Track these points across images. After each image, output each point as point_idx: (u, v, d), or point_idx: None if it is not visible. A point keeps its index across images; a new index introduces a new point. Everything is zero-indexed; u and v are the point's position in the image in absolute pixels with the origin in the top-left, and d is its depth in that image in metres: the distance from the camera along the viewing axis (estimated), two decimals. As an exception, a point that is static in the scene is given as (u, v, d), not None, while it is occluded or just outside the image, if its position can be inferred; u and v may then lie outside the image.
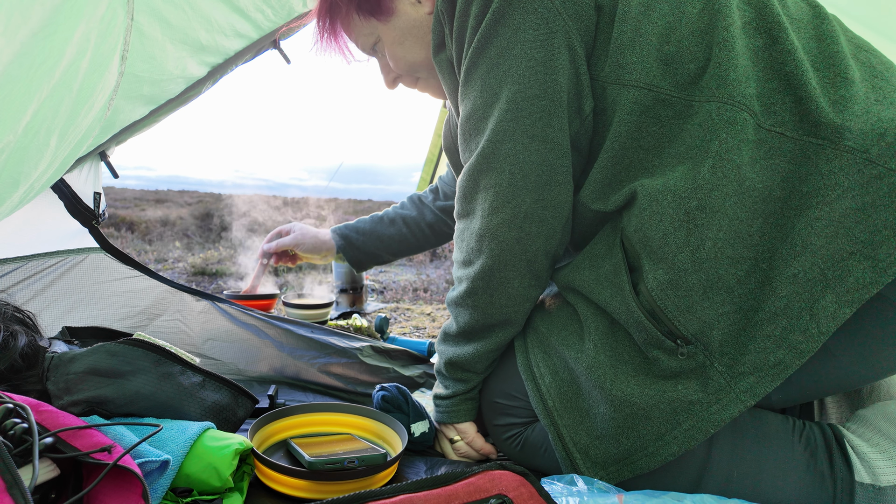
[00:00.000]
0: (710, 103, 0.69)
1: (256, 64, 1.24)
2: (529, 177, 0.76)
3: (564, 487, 0.70)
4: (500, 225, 0.78)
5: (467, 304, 0.85)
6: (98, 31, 0.64)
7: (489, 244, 0.79)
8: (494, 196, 0.77)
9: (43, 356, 0.82)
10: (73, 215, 1.25)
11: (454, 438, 0.92)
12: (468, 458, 0.93)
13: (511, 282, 0.81)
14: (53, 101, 0.62)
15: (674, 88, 0.71)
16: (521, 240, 0.78)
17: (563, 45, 0.73)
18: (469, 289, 0.83)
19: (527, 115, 0.74)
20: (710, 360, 0.68)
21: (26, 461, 0.53)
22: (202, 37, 0.98)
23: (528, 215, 0.77)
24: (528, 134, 0.75)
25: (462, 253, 0.84)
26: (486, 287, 0.82)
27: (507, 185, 0.76)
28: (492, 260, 0.80)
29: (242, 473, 0.77)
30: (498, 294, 0.82)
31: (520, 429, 0.86)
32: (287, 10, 1.12)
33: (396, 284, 2.82)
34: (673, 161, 0.71)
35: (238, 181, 31.64)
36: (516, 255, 0.79)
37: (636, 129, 0.73)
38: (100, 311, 1.25)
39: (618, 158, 0.75)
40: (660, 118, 0.72)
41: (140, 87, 0.96)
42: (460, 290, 0.85)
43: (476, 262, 0.81)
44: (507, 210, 0.77)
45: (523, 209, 0.77)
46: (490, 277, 0.81)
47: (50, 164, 0.72)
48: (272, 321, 1.32)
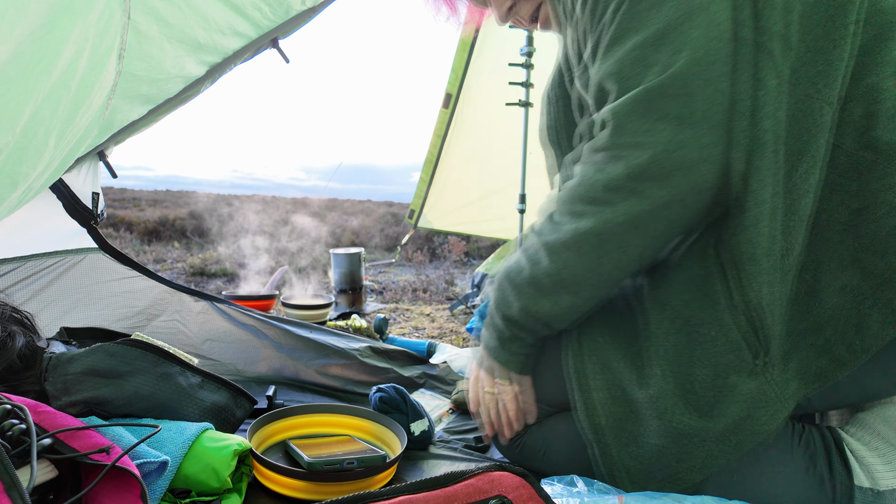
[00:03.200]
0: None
1: (255, 63, 1.24)
2: (720, 114, 0.64)
3: (564, 488, 0.70)
4: (678, 165, 0.64)
5: (578, 247, 0.71)
6: (95, 29, 0.64)
7: (652, 186, 0.65)
8: (677, 128, 0.63)
9: (41, 357, 0.82)
10: (71, 215, 1.25)
11: (492, 391, 0.85)
12: (496, 420, 0.86)
13: (650, 236, 0.69)
14: (51, 100, 0.61)
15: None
16: (693, 190, 0.65)
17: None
18: (594, 229, 0.69)
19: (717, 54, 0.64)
20: (771, 371, 0.68)
21: (24, 462, 0.53)
22: (200, 35, 0.97)
23: (709, 158, 0.64)
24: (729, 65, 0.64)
25: (590, 188, 0.70)
26: (621, 232, 0.68)
27: (701, 115, 0.63)
28: (644, 205, 0.66)
29: (241, 474, 0.76)
30: (628, 247, 0.69)
31: (518, 431, 0.86)
32: (285, 8, 1.12)
33: (396, 285, 2.82)
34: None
35: (236, 181, 31.66)
36: (678, 207, 0.66)
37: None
38: (98, 312, 1.25)
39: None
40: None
41: (138, 86, 0.96)
42: (579, 227, 0.70)
43: (618, 202, 0.67)
44: (692, 149, 0.63)
45: (716, 151, 0.64)
46: (629, 225, 0.68)
47: (48, 165, 0.72)
48: (271, 321, 1.32)
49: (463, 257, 3.98)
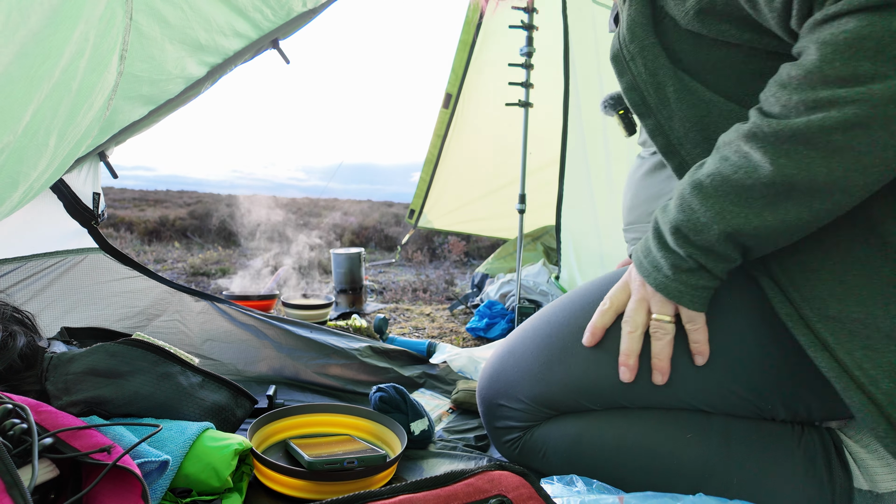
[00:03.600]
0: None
1: (255, 64, 1.24)
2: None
3: (564, 488, 0.70)
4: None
5: (836, 141, 0.55)
6: (97, 30, 0.64)
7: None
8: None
9: (42, 356, 0.82)
10: (72, 215, 1.25)
11: (663, 318, 0.71)
12: (663, 350, 0.72)
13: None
14: (53, 101, 0.62)
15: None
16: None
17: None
18: (861, 116, 0.53)
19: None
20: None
21: (26, 462, 0.53)
22: (201, 36, 0.98)
23: None
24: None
25: (857, 60, 0.53)
26: (886, 120, 0.53)
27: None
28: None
29: (241, 474, 0.77)
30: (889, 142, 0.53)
31: (519, 433, 0.86)
32: (286, 10, 1.12)
33: (396, 285, 2.82)
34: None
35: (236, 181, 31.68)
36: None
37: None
38: (99, 312, 1.25)
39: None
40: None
41: (139, 86, 0.96)
42: (838, 116, 0.54)
43: (885, 79, 0.52)
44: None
45: None
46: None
47: (49, 165, 0.72)
48: (271, 321, 1.32)
49: (463, 257, 3.98)
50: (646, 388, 0.76)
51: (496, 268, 2.59)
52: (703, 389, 0.73)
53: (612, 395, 0.78)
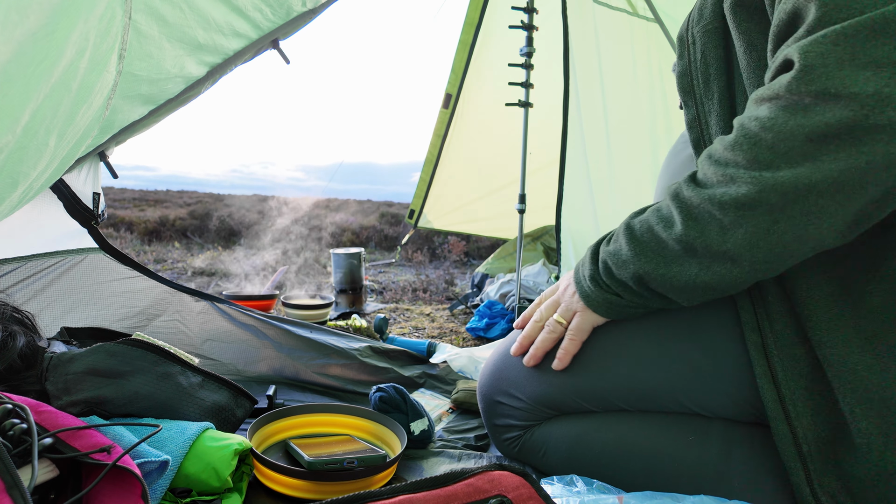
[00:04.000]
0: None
1: (255, 64, 1.24)
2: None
3: (564, 488, 0.70)
4: (879, 128, 0.50)
5: (730, 214, 0.60)
6: (97, 30, 0.64)
7: (837, 150, 0.52)
8: (892, 79, 0.49)
9: (42, 356, 0.82)
10: (72, 215, 1.25)
11: (560, 321, 0.80)
12: (542, 342, 0.81)
13: (823, 216, 0.56)
14: (52, 100, 0.62)
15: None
16: (894, 163, 0.51)
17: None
18: (751, 197, 0.57)
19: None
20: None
21: (25, 462, 0.53)
22: (200, 36, 0.98)
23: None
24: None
25: (757, 147, 0.57)
26: (780, 205, 0.56)
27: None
28: (822, 175, 0.53)
29: (241, 474, 0.77)
30: (789, 224, 0.57)
31: (519, 431, 0.86)
32: (286, 9, 1.12)
33: (396, 285, 2.82)
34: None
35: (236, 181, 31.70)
36: (867, 181, 0.53)
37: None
38: (99, 312, 1.25)
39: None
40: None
41: (138, 86, 0.96)
42: (732, 193, 0.59)
43: (787, 167, 0.55)
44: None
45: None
46: (797, 197, 0.55)
47: (49, 164, 0.72)
48: (271, 321, 1.32)
49: (463, 257, 3.98)
50: (646, 392, 0.76)
51: (496, 268, 2.59)
52: (702, 397, 0.74)
53: (613, 397, 0.78)
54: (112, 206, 6.14)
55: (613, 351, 0.77)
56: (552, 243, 2.66)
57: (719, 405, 0.74)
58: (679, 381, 0.74)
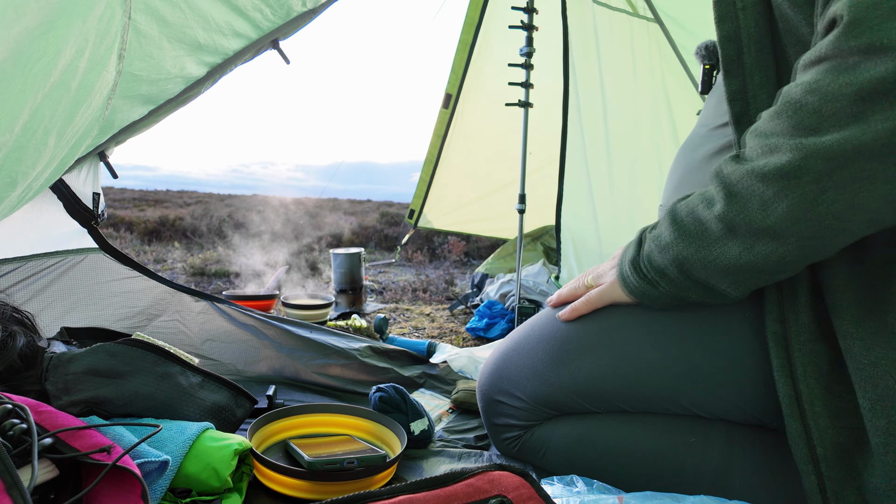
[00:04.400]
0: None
1: (255, 64, 1.24)
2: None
3: (564, 488, 0.70)
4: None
5: (773, 185, 0.56)
6: (96, 30, 0.64)
7: (887, 108, 0.49)
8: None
9: (42, 357, 0.82)
10: (71, 215, 1.25)
11: (591, 284, 0.82)
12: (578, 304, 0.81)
13: (876, 182, 0.52)
14: (51, 100, 0.62)
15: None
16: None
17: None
18: (794, 165, 0.54)
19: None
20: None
21: (25, 462, 0.53)
22: (200, 36, 0.98)
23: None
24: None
25: (801, 112, 0.54)
26: (826, 172, 0.53)
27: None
28: (872, 135, 0.50)
29: (241, 474, 0.77)
30: (838, 192, 0.54)
31: (519, 431, 0.86)
32: (286, 9, 1.12)
33: (396, 285, 2.82)
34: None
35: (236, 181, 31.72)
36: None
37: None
38: (99, 312, 1.25)
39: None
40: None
41: (138, 86, 0.96)
42: (774, 162, 0.56)
43: (834, 130, 0.52)
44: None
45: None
46: (846, 160, 0.52)
47: (48, 164, 0.72)
48: (271, 321, 1.32)
49: (463, 257, 3.98)
50: (647, 393, 0.76)
51: (496, 268, 2.59)
52: (703, 399, 0.74)
53: (615, 399, 0.78)
54: (112, 206, 6.14)
55: (615, 352, 0.77)
56: (552, 243, 2.66)
57: (721, 407, 0.73)
58: (681, 383, 0.74)
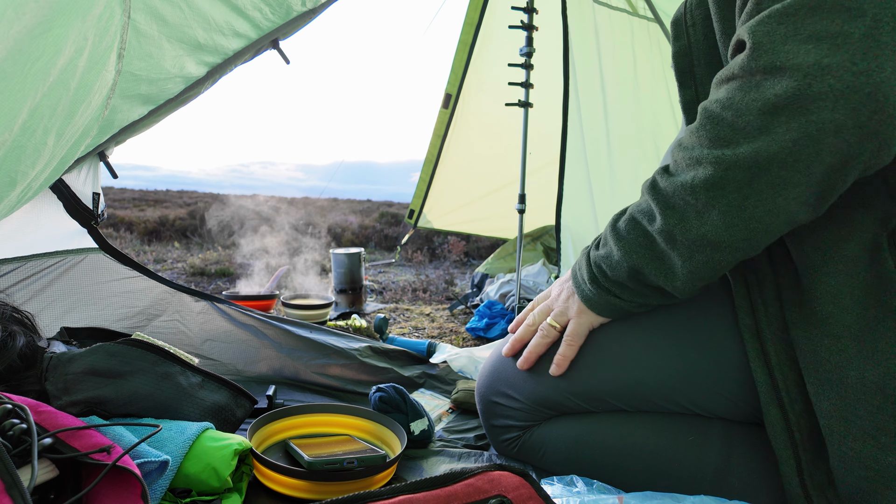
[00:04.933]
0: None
1: (255, 64, 1.24)
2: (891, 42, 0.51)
3: (564, 488, 0.70)
4: (822, 95, 0.52)
5: (702, 197, 0.61)
6: (96, 29, 0.64)
7: (788, 120, 0.54)
8: (829, 50, 0.51)
9: (42, 357, 0.82)
10: (71, 215, 1.25)
11: (554, 324, 0.81)
12: (535, 346, 0.82)
13: (789, 187, 0.57)
14: (51, 99, 0.62)
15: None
16: (842, 129, 0.53)
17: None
18: (717, 177, 0.59)
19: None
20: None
21: (25, 462, 0.53)
22: (199, 35, 0.97)
23: (873, 95, 0.51)
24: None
25: (718, 126, 0.59)
26: (746, 180, 0.58)
27: (860, 37, 0.51)
28: (779, 146, 0.55)
29: (241, 474, 0.76)
30: (758, 198, 0.58)
31: (518, 432, 0.86)
32: (286, 9, 1.12)
33: (395, 285, 2.82)
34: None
35: (236, 181, 31.79)
36: (821, 148, 0.54)
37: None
38: (98, 312, 1.25)
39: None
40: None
41: (137, 85, 0.95)
42: (700, 175, 0.61)
43: (746, 142, 0.57)
44: (845, 75, 0.51)
45: (872, 83, 0.50)
46: (760, 170, 0.57)
47: (48, 164, 0.72)
48: (271, 321, 1.32)
49: (463, 257, 3.98)
50: (643, 392, 0.76)
51: (496, 268, 2.59)
52: (699, 397, 0.74)
53: (611, 398, 0.78)
54: (112, 207, 6.14)
55: (609, 352, 0.77)
56: (552, 243, 2.66)
57: (717, 405, 0.74)
58: (675, 381, 0.74)
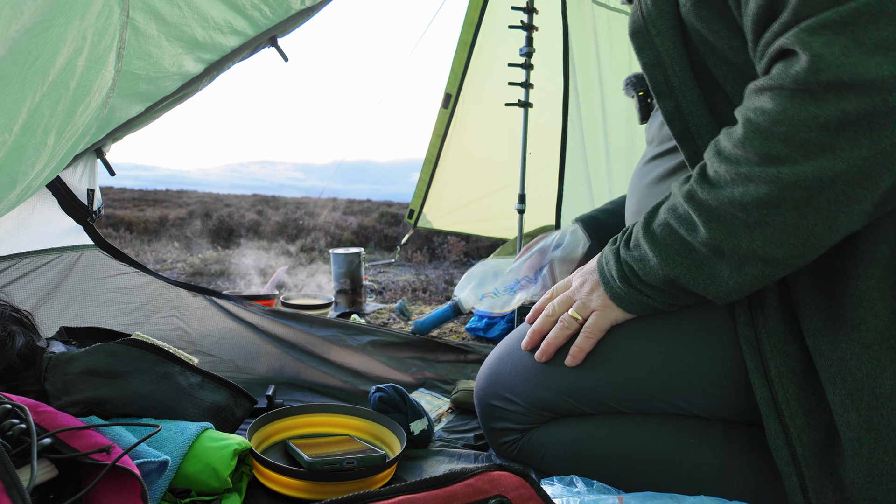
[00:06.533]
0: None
1: (254, 62, 1.24)
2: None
3: (564, 488, 0.70)
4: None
5: (754, 214, 0.58)
6: (94, 28, 0.64)
7: (857, 136, 0.52)
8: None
9: (41, 356, 0.82)
10: (67, 212, 1.24)
11: (576, 317, 0.78)
12: (555, 338, 0.80)
13: (852, 203, 0.55)
14: (51, 99, 0.61)
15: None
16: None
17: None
18: (773, 197, 0.56)
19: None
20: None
21: (25, 462, 0.52)
22: (198, 34, 0.97)
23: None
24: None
25: (770, 141, 0.56)
26: (805, 199, 0.55)
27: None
28: (846, 164, 0.53)
29: (241, 474, 0.76)
30: (818, 216, 0.56)
31: (517, 435, 0.86)
32: (284, 7, 1.12)
33: (395, 285, 2.82)
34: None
35: (236, 181, 31.76)
36: (893, 163, 0.52)
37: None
38: (95, 308, 1.25)
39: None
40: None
41: (136, 84, 0.95)
42: (752, 193, 0.58)
43: (805, 161, 0.54)
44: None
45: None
46: (823, 188, 0.54)
47: (48, 163, 0.72)
48: (270, 317, 1.32)
49: (462, 257, 3.98)
50: (641, 395, 0.76)
51: (495, 267, 2.59)
52: (697, 399, 0.74)
53: (610, 400, 0.78)
54: (111, 206, 6.13)
55: (607, 354, 0.77)
56: (552, 243, 2.66)
57: (716, 407, 0.74)
58: (673, 382, 0.74)
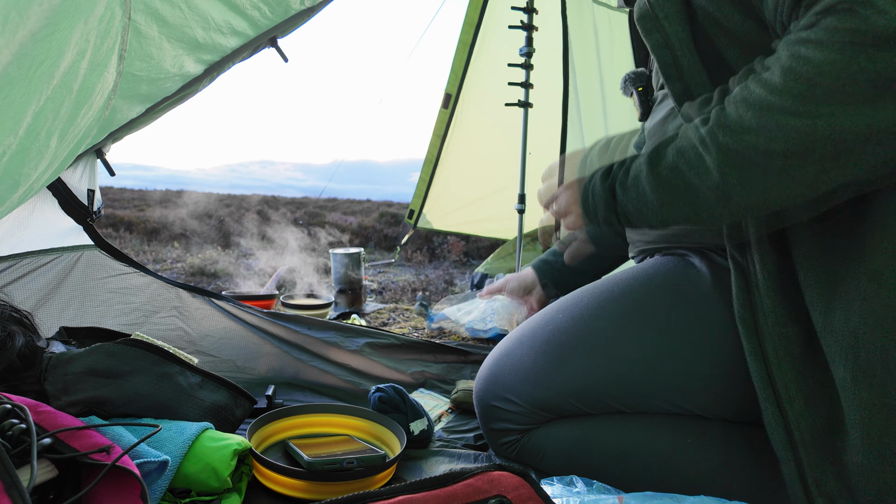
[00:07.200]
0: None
1: (253, 62, 1.24)
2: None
3: (564, 488, 0.70)
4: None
5: (775, 163, 0.58)
6: (97, 31, 0.64)
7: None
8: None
9: (41, 356, 0.82)
10: (67, 212, 1.24)
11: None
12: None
13: (867, 162, 0.56)
14: (54, 102, 0.62)
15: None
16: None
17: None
18: (802, 147, 0.56)
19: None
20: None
21: (25, 462, 0.53)
22: (199, 35, 0.98)
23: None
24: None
25: (814, 91, 0.54)
26: (832, 156, 0.55)
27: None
28: (883, 122, 0.53)
29: (241, 474, 0.77)
30: (836, 174, 0.57)
31: (516, 436, 0.86)
32: (284, 8, 1.12)
33: (395, 285, 2.82)
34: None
35: (235, 181, 31.74)
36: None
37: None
38: (95, 309, 1.25)
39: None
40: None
41: (138, 86, 0.95)
42: (783, 142, 0.57)
43: (843, 116, 0.54)
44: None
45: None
46: (849, 146, 0.55)
47: (50, 165, 0.72)
48: (269, 318, 1.32)
49: (462, 257, 3.98)
50: (640, 393, 0.76)
51: (496, 268, 2.59)
52: (696, 397, 0.74)
53: (609, 400, 0.78)
54: (111, 207, 6.13)
55: (606, 353, 0.77)
56: (552, 243, 2.66)
57: (715, 405, 0.74)
58: (673, 380, 0.74)
